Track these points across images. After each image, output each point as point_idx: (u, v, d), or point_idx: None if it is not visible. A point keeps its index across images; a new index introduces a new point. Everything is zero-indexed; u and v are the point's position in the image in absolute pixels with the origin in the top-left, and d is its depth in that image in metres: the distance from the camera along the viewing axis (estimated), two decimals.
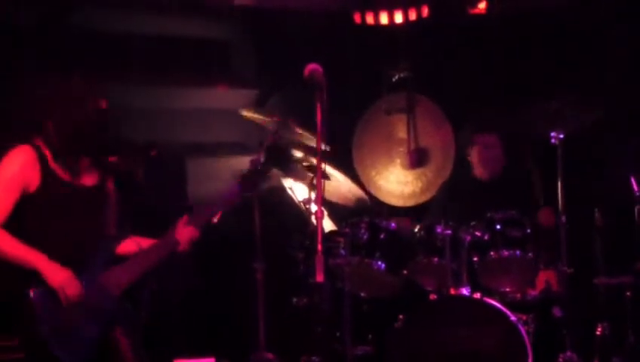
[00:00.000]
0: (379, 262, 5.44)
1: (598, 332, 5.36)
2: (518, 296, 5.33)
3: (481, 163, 5.84)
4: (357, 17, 6.69)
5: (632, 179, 5.37)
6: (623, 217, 5.50)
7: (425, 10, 6.64)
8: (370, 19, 6.65)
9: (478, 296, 5.17)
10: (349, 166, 6.28)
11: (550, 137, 5.27)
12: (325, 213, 5.46)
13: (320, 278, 3.88)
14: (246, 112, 5.47)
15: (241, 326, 5.81)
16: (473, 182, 5.86)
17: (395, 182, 6.34)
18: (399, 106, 6.31)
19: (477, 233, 5.31)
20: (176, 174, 6.32)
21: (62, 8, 6.14)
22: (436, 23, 6.65)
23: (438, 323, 5.08)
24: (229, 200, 4.31)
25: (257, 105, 6.54)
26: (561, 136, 5.25)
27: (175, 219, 4.22)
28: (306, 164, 5.34)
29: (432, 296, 5.32)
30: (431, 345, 5.07)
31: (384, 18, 6.61)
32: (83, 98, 4.04)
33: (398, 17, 6.60)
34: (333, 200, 5.68)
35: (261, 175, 4.44)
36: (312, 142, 5.21)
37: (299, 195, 5.56)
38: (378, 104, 6.41)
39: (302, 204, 5.45)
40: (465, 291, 5.19)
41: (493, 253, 5.29)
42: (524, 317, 5.14)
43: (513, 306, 5.15)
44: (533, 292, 5.38)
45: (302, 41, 6.53)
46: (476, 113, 6.09)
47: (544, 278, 5.41)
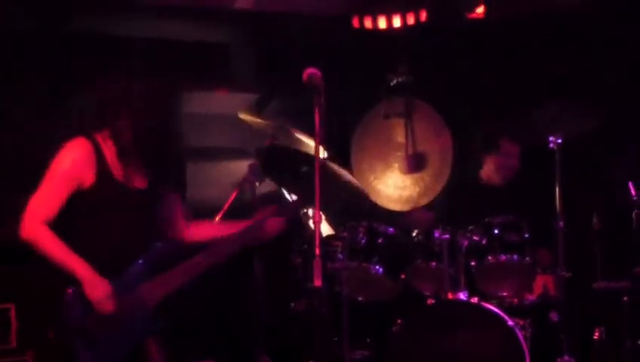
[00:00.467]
0: (377, 267, 5.45)
1: (595, 337, 5.37)
2: (516, 300, 5.33)
3: (498, 170, 5.86)
4: (355, 22, 6.70)
5: (630, 184, 5.38)
6: (621, 222, 5.50)
7: (423, 15, 6.64)
8: (368, 23, 6.65)
9: (475, 300, 5.17)
10: (347, 170, 6.27)
11: (548, 141, 5.28)
12: (323, 217, 5.48)
13: (318, 283, 3.89)
14: (244, 115, 5.47)
15: (239, 331, 5.81)
16: (482, 186, 5.88)
17: (392, 187, 6.33)
18: (397, 110, 6.30)
19: (475, 237, 5.32)
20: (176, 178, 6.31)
21: (61, 12, 6.15)
22: (434, 27, 6.65)
23: (436, 328, 5.09)
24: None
25: (256, 109, 6.54)
26: (560, 141, 5.25)
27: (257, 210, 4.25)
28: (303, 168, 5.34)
29: (430, 301, 5.32)
30: (429, 350, 5.07)
31: (382, 22, 6.62)
32: (160, 104, 4.07)
33: (397, 22, 6.60)
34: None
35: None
36: (310, 146, 5.22)
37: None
38: (376, 108, 6.39)
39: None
40: (462, 295, 5.19)
41: (490, 258, 5.30)
42: (522, 321, 5.14)
43: (511, 311, 5.15)
44: (531, 296, 5.38)
45: (301, 45, 6.54)
46: (500, 120, 6.04)
47: (542, 283, 5.41)
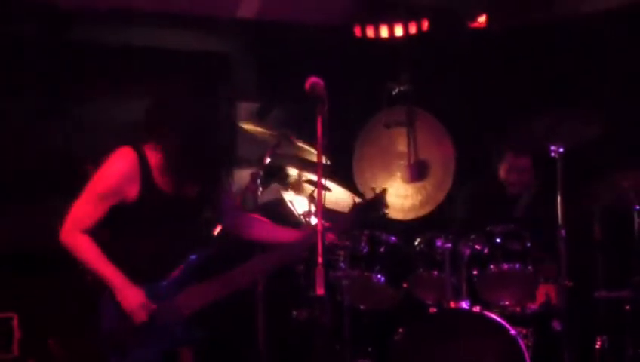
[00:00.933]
0: (379, 275, 5.45)
1: (597, 346, 5.36)
2: (518, 309, 5.32)
3: (509, 183, 5.89)
4: (357, 31, 6.72)
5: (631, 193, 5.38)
6: (623, 231, 5.50)
7: (425, 24, 6.66)
8: (370, 32, 6.67)
9: (477, 309, 5.17)
10: (349, 179, 6.27)
11: (550, 151, 5.28)
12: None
13: (320, 291, 3.88)
14: (246, 125, 5.48)
15: (241, 340, 5.80)
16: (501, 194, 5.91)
17: (394, 195, 6.31)
18: (399, 119, 6.30)
19: (477, 246, 5.32)
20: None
21: (62, 20, 6.16)
22: (436, 36, 6.67)
23: (438, 337, 5.08)
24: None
25: (258, 117, 6.54)
26: (561, 150, 5.25)
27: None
28: (304, 178, 5.35)
29: (432, 309, 5.32)
30: (430, 359, 5.07)
31: (384, 31, 6.64)
32: (215, 118, 4.08)
33: (399, 31, 6.62)
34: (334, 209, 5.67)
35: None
36: (312, 155, 5.23)
37: (299, 208, 5.56)
38: (378, 117, 6.40)
39: (302, 217, 5.45)
40: (464, 304, 5.19)
41: (492, 267, 5.29)
42: (524, 330, 5.14)
43: (513, 320, 5.14)
44: (533, 305, 5.37)
45: (303, 55, 6.54)
46: (513, 131, 6.04)
47: (544, 292, 5.41)
